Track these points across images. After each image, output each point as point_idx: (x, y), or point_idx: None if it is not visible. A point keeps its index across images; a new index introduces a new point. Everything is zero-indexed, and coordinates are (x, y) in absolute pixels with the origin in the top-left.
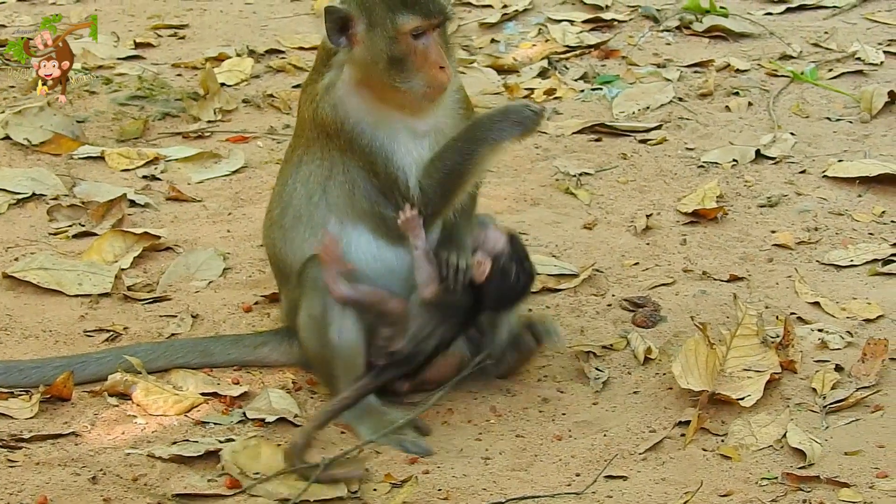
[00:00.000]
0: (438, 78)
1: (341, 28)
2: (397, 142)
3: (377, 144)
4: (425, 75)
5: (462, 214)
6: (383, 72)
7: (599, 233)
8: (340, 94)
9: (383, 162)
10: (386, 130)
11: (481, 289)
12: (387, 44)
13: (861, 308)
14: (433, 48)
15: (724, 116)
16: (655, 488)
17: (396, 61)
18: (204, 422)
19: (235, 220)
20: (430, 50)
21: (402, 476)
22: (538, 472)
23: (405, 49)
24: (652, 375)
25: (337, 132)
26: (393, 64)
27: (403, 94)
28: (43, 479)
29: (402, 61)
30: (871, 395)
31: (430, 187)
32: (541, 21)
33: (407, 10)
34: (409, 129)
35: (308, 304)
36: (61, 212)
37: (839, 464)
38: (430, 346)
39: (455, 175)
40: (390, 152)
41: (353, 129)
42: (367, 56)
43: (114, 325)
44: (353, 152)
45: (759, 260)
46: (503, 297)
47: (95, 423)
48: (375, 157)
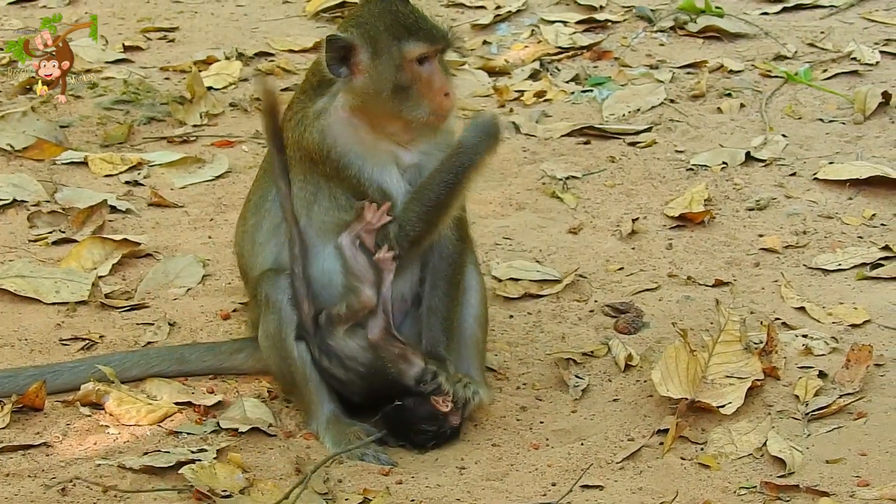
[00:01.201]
0: (443, 104)
1: (342, 57)
2: (387, 173)
3: (366, 175)
4: (430, 102)
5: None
6: (387, 100)
7: (584, 237)
8: (331, 121)
9: (377, 193)
10: (375, 161)
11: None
12: (392, 72)
13: (847, 313)
14: (437, 74)
15: (716, 118)
16: (632, 498)
17: (402, 89)
18: (177, 432)
19: (217, 225)
20: (434, 76)
21: (375, 486)
22: (514, 482)
23: (411, 77)
24: (632, 383)
25: (322, 159)
26: (398, 92)
27: (406, 123)
28: (12, 490)
29: (407, 89)
30: (855, 402)
31: (409, 222)
32: (534, 22)
33: (412, 37)
34: (396, 160)
35: (265, 322)
36: (42, 218)
37: (820, 472)
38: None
39: (439, 204)
40: (382, 183)
41: (340, 159)
42: (370, 85)
43: (90, 333)
44: (340, 180)
45: (745, 264)
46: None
47: (67, 433)
48: (366, 188)
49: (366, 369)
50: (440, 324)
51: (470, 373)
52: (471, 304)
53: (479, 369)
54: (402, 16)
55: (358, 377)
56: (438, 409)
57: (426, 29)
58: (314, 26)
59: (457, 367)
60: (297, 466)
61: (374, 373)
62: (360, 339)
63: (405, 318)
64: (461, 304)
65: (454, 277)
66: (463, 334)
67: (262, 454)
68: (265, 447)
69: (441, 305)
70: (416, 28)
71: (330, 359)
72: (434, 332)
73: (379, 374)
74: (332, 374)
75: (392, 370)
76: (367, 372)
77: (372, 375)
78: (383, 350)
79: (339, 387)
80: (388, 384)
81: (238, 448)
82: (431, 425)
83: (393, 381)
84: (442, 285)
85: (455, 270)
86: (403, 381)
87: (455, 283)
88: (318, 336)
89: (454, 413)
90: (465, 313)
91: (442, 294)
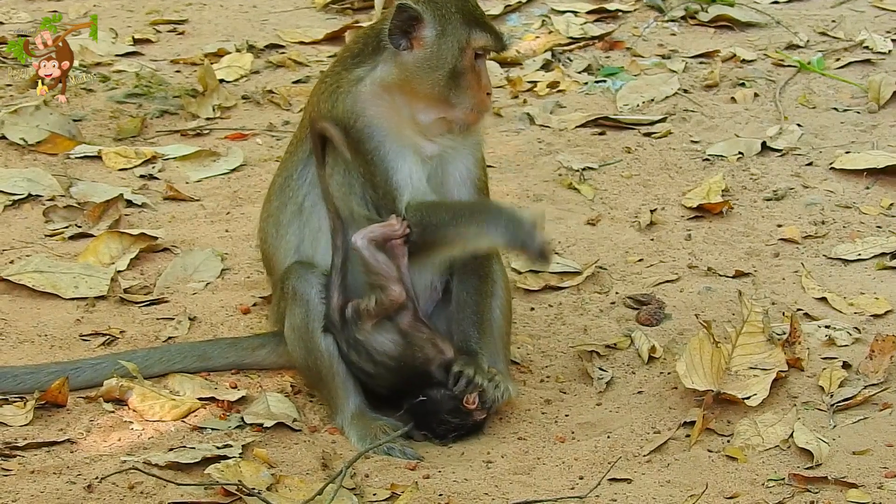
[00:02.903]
0: (484, 102)
1: (405, 29)
2: (402, 158)
3: (381, 153)
4: (475, 96)
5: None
6: (438, 81)
7: (603, 229)
8: (366, 90)
9: (383, 174)
10: (395, 142)
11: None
12: (455, 54)
13: (869, 303)
14: (486, 73)
15: (730, 108)
16: (660, 491)
17: (456, 74)
18: (201, 427)
19: (234, 219)
20: (483, 73)
21: (402, 481)
22: (541, 476)
23: (467, 65)
24: (656, 375)
25: (347, 128)
26: (452, 76)
27: (446, 110)
28: (38, 487)
29: (460, 76)
30: (880, 393)
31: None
32: (544, 12)
33: (480, 28)
34: (416, 149)
35: (291, 315)
36: (57, 213)
37: (847, 464)
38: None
39: (439, 231)
40: (393, 167)
41: (363, 130)
42: (427, 62)
43: (110, 328)
44: (356, 153)
45: (765, 255)
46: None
47: (91, 429)
48: (377, 167)
49: (395, 362)
50: (470, 318)
51: (497, 366)
52: (496, 296)
53: (505, 362)
54: (472, 5)
55: (387, 370)
56: (466, 407)
57: (491, 26)
58: (324, 18)
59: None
60: (323, 462)
61: (404, 365)
62: (389, 332)
63: (434, 307)
64: (490, 296)
65: (482, 269)
66: (490, 326)
67: (287, 449)
68: (290, 442)
69: (470, 300)
70: (483, 21)
71: (359, 353)
72: (464, 326)
73: (408, 366)
74: (361, 368)
75: (420, 357)
76: (397, 365)
77: (401, 368)
78: (412, 336)
79: (368, 380)
80: (417, 375)
81: (263, 443)
82: (455, 417)
83: (422, 372)
84: (471, 279)
85: (483, 262)
86: (432, 371)
87: (483, 275)
88: (346, 331)
89: (479, 410)
90: (490, 304)
91: (471, 288)
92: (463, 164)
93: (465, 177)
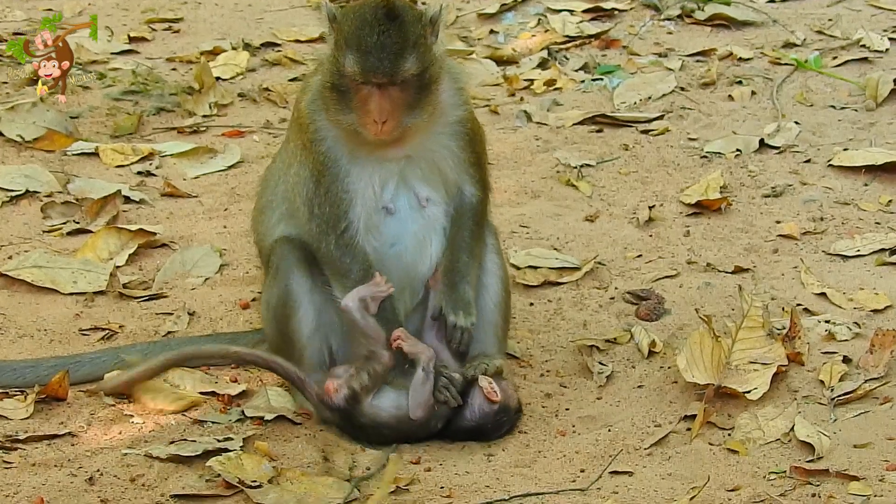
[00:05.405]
0: (370, 128)
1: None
2: (354, 164)
3: (332, 157)
4: (361, 119)
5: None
6: (332, 94)
7: (601, 225)
8: (317, 94)
9: (330, 179)
10: (345, 147)
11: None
12: (332, 73)
13: (868, 298)
14: (374, 101)
15: (727, 106)
16: (662, 483)
17: (339, 91)
18: (202, 420)
19: (232, 215)
20: (370, 100)
21: (404, 474)
22: (542, 469)
23: (351, 87)
24: (656, 369)
25: (304, 127)
26: (335, 91)
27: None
28: (39, 480)
29: (344, 94)
30: (880, 387)
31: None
32: (540, 11)
33: (355, 55)
34: (372, 153)
35: (269, 289)
36: (55, 209)
37: (848, 457)
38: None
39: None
40: (343, 171)
41: (316, 132)
42: (324, 73)
43: (109, 323)
44: (309, 153)
45: (764, 251)
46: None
47: (92, 422)
48: (324, 170)
49: (408, 424)
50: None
51: (493, 358)
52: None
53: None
54: (368, 29)
55: (399, 431)
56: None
57: (372, 59)
58: (319, 16)
59: (478, 349)
60: (324, 455)
61: (415, 422)
62: (389, 401)
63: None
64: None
65: (475, 231)
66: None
67: (288, 442)
68: (291, 435)
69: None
70: (365, 50)
71: (366, 430)
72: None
73: (422, 421)
74: (391, 430)
75: (440, 397)
76: (410, 426)
77: (413, 423)
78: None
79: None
80: (431, 420)
81: (264, 437)
82: (497, 418)
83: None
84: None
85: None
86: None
87: (475, 236)
88: (347, 420)
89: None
90: (486, 297)
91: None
92: (446, 150)
93: (454, 161)
